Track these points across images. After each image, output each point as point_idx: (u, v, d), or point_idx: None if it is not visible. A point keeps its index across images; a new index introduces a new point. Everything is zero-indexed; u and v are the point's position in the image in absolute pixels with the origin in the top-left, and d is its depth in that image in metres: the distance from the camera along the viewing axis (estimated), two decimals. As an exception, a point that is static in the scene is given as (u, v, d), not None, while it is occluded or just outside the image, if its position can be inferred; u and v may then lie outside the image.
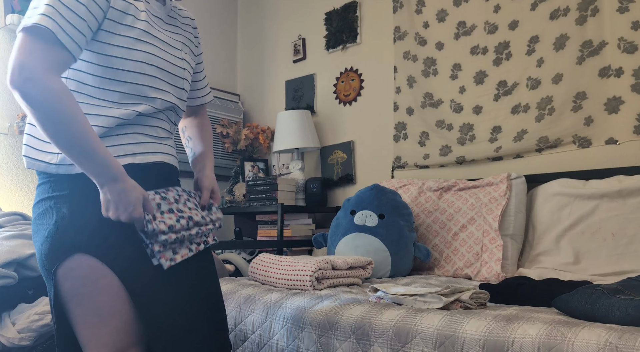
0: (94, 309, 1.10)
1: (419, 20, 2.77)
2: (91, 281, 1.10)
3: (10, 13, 2.56)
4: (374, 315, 1.37)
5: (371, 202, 2.27)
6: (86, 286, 1.10)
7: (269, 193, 2.92)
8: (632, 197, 1.95)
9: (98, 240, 1.11)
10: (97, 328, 1.11)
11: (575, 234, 2.03)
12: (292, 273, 1.79)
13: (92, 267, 1.10)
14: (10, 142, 2.61)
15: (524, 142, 2.36)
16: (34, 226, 1.18)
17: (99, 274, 1.10)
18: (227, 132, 3.36)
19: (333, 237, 2.33)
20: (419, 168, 2.75)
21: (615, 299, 1.15)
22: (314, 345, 1.45)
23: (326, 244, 2.45)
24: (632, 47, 2.10)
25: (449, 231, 2.29)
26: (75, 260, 1.10)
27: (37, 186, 1.19)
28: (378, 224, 2.21)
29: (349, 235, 2.23)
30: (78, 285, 1.10)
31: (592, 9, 2.20)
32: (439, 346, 1.22)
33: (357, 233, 2.21)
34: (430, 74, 2.71)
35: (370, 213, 2.24)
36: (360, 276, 1.92)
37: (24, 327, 1.51)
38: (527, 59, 2.38)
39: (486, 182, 2.31)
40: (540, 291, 1.49)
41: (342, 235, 2.26)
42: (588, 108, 2.20)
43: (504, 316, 1.23)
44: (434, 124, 2.68)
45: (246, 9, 3.77)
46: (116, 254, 1.12)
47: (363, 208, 2.27)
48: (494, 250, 2.13)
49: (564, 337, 1.08)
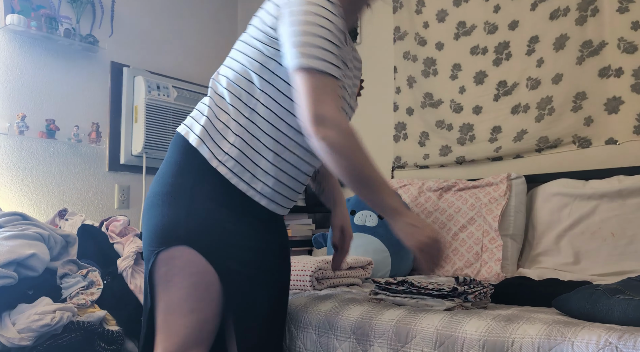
0: (178, 299, 1.15)
1: (419, 20, 2.77)
2: (186, 273, 1.15)
3: (10, 13, 2.55)
4: (374, 315, 1.37)
5: None
6: (179, 276, 1.15)
7: (269, 193, 2.91)
8: (632, 198, 1.95)
9: (209, 238, 1.16)
10: (173, 317, 1.16)
11: (575, 234, 2.03)
12: (292, 273, 1.79)
13: (192, 261, 1.15)
14: (10, 142, 2.60)
15: (524, 142, 2.36)
16: (155, 198, 1.20)
17: (196, 269, 1.15)
18: (227, 132, 3.36)
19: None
20: (419, 168, 2.75)
21: (615, 299, 1.15)
22: (314, 345, 1.45)
23: (326, 244, 2.44)
24: (632, 47, 2.10)
25: (449, 231, 2.29)
26: (179, 250, 1.15)
27: (172, 157, 1.22)
28: (378, 224, 2.21)
29: None
30: (172, 273, 1.15)
31: (592, 9, 2.20)
32: (439, 346, 1.22)
33: (357, 233, 2.21)
34: (430, 74, 2.71)
35: (370, 213, 2.24)
36: (360, 276, 1.92)
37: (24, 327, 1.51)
38: (527, 59, 2.38)
39: (486, 182, 2.31)
40: (540, 291, 1.49)
41: None
42: (588, 108, 2.20)
43: (504, 316, 1.23)
44: (434, 124, 2.68)
45: (246, 9, 3.77)
46: (224, 255, 1.17)
47: (363, 208, 2.27)
48: (493, 250, 2.13)
49: (564, 337, 1.08)
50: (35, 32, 2.62)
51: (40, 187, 2.71)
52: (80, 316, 1.61)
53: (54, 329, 1.52)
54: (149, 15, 3.24)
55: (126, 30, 3.11)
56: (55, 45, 2.78)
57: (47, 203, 2.73)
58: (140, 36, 3.18)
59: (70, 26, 2.73)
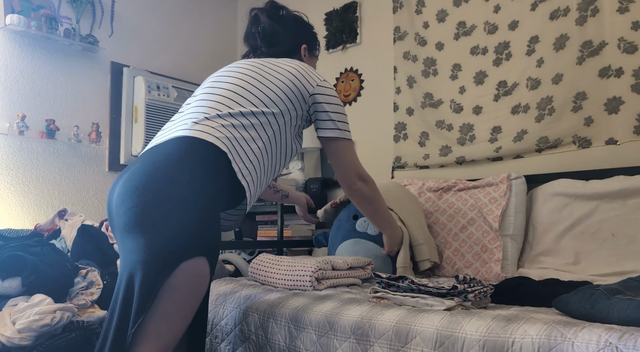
0: (179, 307, 1.16)
1: (419, 21, 2.77)
2: (196, 283, 1.16)
3: (10, 13, 2.56)
4: (373, 315, 1.37)
5: None
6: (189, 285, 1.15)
7: (269, 193, 2.91)
8: (632, 198, 1.95)
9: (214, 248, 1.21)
10: (167, 323, 1.15)
11: (576, 234, 2.03)
12: (292, 273, 1.79)
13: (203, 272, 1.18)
14: (10, 142, 2.60)
15: (524, 142, 2.36)
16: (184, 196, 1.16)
17: (203, 279, 1.18)
18: (227, 133, 3.36)
19: (334, 240, 2.33)
20: (419, 168, 2.75)
21: (615, 299, 1.15)
22: (314, 345, 1.45)
23: (327, 244, 2.44)
24: (632, 47, 2.10)
25: (449, 231, 2.28)
26: (197, 261, 1.16)
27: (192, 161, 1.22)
28: (380, 233, 2.20)
29: (349, 240, 2.22)
30: (185, 282, 1.15)
31: (592, 9, 2.20)
32: (439, 346, 1.22)
33: (357, 239, 2.20)
34: (430, 74, 2.71)
35: None
36: (360, 276, 1.92)
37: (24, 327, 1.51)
38: (527, 59, 2.38)
39: (486, 182, 2.31)
40: (540, 291, 1.49)
41: (342, 239, 2.25)
42: (588, 108, 2.20)
43: (504, 316, 1.23)
44: (434, 124, 2.68)
45: (246, 9, 3.77)
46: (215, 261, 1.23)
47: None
48: (493, 250, 2.13)
49: (564, 338, 1.08)
50: (35, 32, 2.62)
51: (40, 187, 2.70)
52: (80, 316, 1.61)
53: (54, 329, 1.52)
54: (149, 16, 3.24)
55: (126, 30, 3.11)
56: (55, 46, 2.78)
57: (47, 203, 2.73)
58: (140, 36, 3.18)
59: (70, 26, 2.73)
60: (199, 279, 1.16)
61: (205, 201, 1.18)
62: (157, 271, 1.11)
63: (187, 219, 1.13)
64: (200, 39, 3.55)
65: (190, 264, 1.14)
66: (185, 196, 1.15)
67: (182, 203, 1.14)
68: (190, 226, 1.13)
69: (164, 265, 1.11)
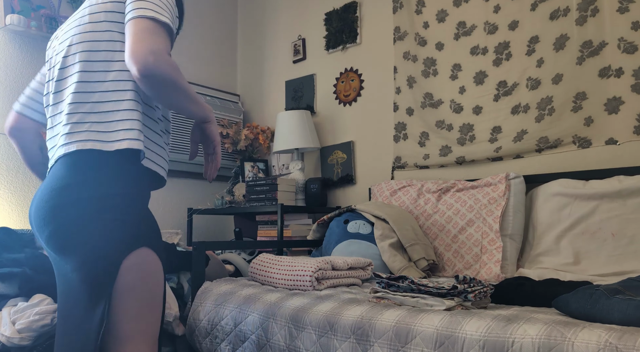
0: (148, 302, 1.16)
1: (419, 21, 2.77)
2: (150, 274, 1.16)
3: (10, 13, 2.56)
4: (373, 315, 1.37)
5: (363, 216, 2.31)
6: (145, 279, 1.15)
7: (269, 193, 2.91)
8: (632, 198, 1.95)
9: (154, 234, 1.19)
10: (146, 320, 1.16)
11: (575, 234, 2.03)
12: (292, 273, 1.79)
13: (151, 261, 1.17)
14: (10, 142, 2.60)
15: (524, 142, 2.36)
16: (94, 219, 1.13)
17: (156, 267, 1.18)
18: (227, 133, 3.36)
19: (327, 246, 2.33)
20: (418, 168, 2.75)
21: (615, 299, 1.15)
22: (314, 345, 1.45)
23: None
24: (632, 47, 2.10)
25: (449, 233, 2.29)
26: (140, 253, 1.15)
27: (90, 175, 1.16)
28: (372, 232, 2.20)
29: (343, 242, 2.22)
30: (138, 278, 1.14)
31: (592, 9, 2.20)
32: (439, 346, 1.22)
33: (351, 240, 2.20)
34: (430, 74, 2.71)
35: (363, 222, 2.24)
36: (360, 276, 1.92)
37: (24, 327, 1.51)
38: (527, 59, 2.38)
39: (485, 182, 2.31)
40: (540, 291, 1.49)
41: (336, 242, 2.25)
42: (588, 108, 2.20)
43: (504, 316, 1.23)
44: (433, 124, 2.68)
45: (246, 9, 3.77)
46: (160, 247, 1.21)
47: (355, 219, 2.27)
48: (493, 252, 2.13)
49: (564, 338, 1.08)
50: (35, 32, 2.62)
51: (40, 187, 2.70)
52: (80, 316, 1.61)
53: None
54: (149, 16, 3.23)
55: (126, 31, 3.11)
56: (55, 46, 2.77)
57: (47, 203, 2.72)
58: (140, 36, 3.18)
59: (70, 26, 2.73)
60: (148, 267, 1.16)
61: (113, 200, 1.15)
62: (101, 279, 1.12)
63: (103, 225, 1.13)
64: (200, 39, 3.55)
65: (131, 259, 1.13)
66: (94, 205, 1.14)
67: (92, 214, 1.13)
68: (111, 228, 1.13)
69: (104, 272, 1.12)
